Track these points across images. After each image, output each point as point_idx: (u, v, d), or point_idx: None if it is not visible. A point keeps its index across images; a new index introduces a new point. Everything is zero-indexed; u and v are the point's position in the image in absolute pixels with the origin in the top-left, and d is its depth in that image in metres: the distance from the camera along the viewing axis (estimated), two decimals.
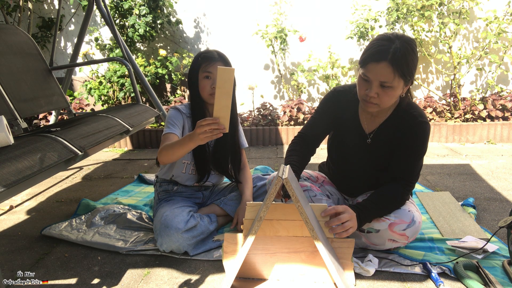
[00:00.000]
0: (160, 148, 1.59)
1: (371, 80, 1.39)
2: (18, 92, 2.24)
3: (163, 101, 4.36)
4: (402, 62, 1.35)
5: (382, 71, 1.36)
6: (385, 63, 1.34)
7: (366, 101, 1.45)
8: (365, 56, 1.41)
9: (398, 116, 1.54)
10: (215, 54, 1.72)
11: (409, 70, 1.37)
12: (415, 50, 1.40)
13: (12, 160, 1.30)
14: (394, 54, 1.34)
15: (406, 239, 1.49)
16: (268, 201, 1.20)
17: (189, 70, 1.79)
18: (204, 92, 1.72)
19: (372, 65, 1.37)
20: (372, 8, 3.89)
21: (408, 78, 1.40)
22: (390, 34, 1.40)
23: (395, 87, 1.39)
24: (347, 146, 1.66)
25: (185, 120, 1.77)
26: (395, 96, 1.43)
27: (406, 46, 1.36)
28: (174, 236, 1.56)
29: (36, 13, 4.40)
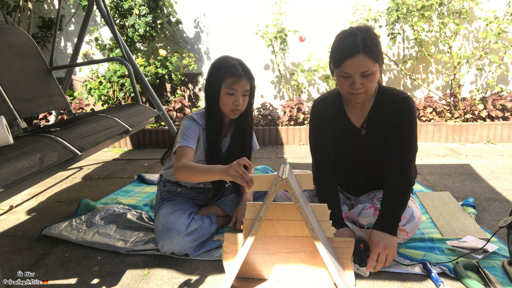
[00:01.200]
0: (179, 163, 1.52)
1: (352, 74, 1.45)
2: (18, 92, 2.24)
3: (163, 101, 4.36)
4: (373, 48, 1.43)
5: (360, 63, 1.42)
6: (360, 55, 1.42)
7: (353, 94, 1.50)
8: (338, 56, 1.47)
9: (381, 101, 1.59)
10: (240, 70, 1.64)
11: (380, 53, 1.46)
12: (376, 35, 1.49)
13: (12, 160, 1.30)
14: (364, 44, 1.42)
15: (405, 235, 1.49)
16: (268, 201, 1.20)
17: (208, 79, 1.70)
18: (226, 108, 1.66)
19: (349, 61, 1.43)
20: (372, 8, 3.89)
21: (381, 60, 1.47)
22: (349, 29, 1.48)
23: (375, 72, 1.46)
24: (343, 143, 1.68)
25: (201, 132, 1.70)
26: (376, 80, 1.50)
27: (369, 33, 1.46)
28: (175, 239, 1.56)
29: (36, 13, 4.39)
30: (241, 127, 1.78)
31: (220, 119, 1.71)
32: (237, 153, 1.79)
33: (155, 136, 3.88)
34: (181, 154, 1.59)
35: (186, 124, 1.69)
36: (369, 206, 1.54)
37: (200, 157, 1.74)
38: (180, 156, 1.58)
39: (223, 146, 1.79)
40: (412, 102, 1.55)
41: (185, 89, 4.45)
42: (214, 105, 1.68)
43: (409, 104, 1.54)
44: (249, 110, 1.76)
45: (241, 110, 1.68)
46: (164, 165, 1.92)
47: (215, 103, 1.67)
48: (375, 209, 1.51)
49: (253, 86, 1.71)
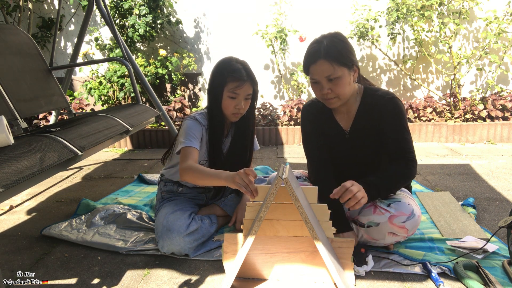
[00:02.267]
0: (186, 164, 1.53)
1: (319, 80, 1.50)
2: (18, 92, 2.24)
3: (163, 101, 4.36)
4: (335, 52, 1.46)
5: (322, 67, 1.47)
6: (322, 60, 1.47)
7: (325, 99, 1.54)
8: (304, 63, 1.55)
9: (367, 103, 1.60)
10: (243, 74, 1.63)
11: (344, 56, 1.47)
12: (343, 39, 1.52)
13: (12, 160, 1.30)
14: (325, 49, 1.47)
15: (405, 232, 1.49)
16: (268, 201, 1.20)
17: (211, 81, 1.70)
18: (228, 111, 1.67)
19: (312, 67, 1.50)
20: (372, 8, 3.89)
21: (348, 64, 1.48)
22: (319, 37, 1.53)
23: (341, 76, 1.48)
24: (333, 147, 1.70)
25: (204, 132, 1.71)
26: (347, 84, 1.51)
27: (334, 39, 1.50)
28: (175, 240, 1.56)
29: (36, 13, 4.39)
30: (242, 129, 1.79)
31: (222, 120, 1.71)
32: (238, 154, 1.79)
33: (155, 136, 3.88)
34: (186, 155, 1.59)
35: (189, 124, 1.68)
36: (369, 204, 1.54)
37: (202, 157, 1.74)
38: (185, 157, 1.58)
39: (224, 147, 1.79)
40: (399, 103, 1.55)
41: (185, 89, 4.45)
42: (216, 107, 1.69)
43: (397, 105, 1.54)
44: (251, 113, 1.77)
45: (242, 113, 1.70)
46: (165, 165, 1.92)
47: (217, 105, 1.68)
48: (375, 207, 1.51)
49: (256, 90, 1.71)
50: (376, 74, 4.25)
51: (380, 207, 1.50)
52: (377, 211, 1.50)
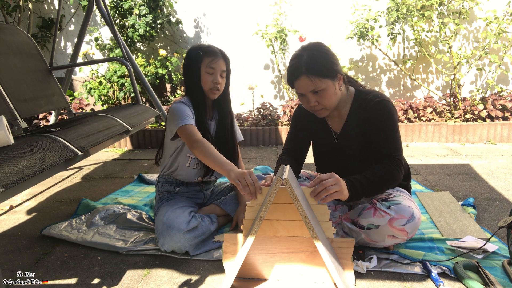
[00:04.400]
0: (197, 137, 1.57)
1: (304, 93, 1.52)
2: (18, 92, 2.24)
3: (163, 101, 4.36)
4: (315, 67, 1.46)
5: (305, 83, 1.48)
6: (303, 77, 1.47)
7: (313, 111, 1.57)
8: (287, 78, 1.56)
9: (357, 106, 1.61)
10: (217, 50, 1.74)
11: (326, 69, 1.47)
12: (324, 50, 1.51)
13: (12, 160, 1.30)
14: (305, 65, 1.46)
15: (405, 235, 1.49)
16: (268, 201, 1.20)
17: (186, 62, 1.77)
18: (206, 86, 1.73)
19: (296, 82, 1.51)
20: (372, 8, 3.89)
21: (331, 75, 1.48)
22: (298, 51, 1.52)
23: (326, 88, 1.49)
24: (324, 150, 1.72)
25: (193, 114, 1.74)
26: (333, 94, 1.52)
27: (313, 52, 1.49)
28: (176, 236, 1.56)
29: (36, 13, 4.40)
30: (224, 109, 1.86)
31: (203, 98, 1.77)
32: (223, 136, 1.84)
33: (155, 136, 3.88)
34: (192, 131, 1.60)
35: (178, 106, 1.70)
36: (369, 206, 1.54)
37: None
38: (192, 133, 1.59)
39: (210, 129, 1.83)
40: (388, 104, 1.54)
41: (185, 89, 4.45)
42: (196, 86, 1.74)
43: (386, 106, 1.53)
44: (227, 93, 1.84)
45: (219, 90, 1.75)
46: (160, 165, 1.92)
47: (196, 83, 1.73)
48: (375, 209, 1.51)
49: (229, 70, 1.79)
50: (376, 74, 4.25)
51: (380, 210, 1.50)
52: (377, 213, 1.49)
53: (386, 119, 1.53)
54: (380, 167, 1.50)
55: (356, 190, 1.40)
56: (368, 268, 1.45)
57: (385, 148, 1.53)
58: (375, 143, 1.55)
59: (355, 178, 1.44)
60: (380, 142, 1.54)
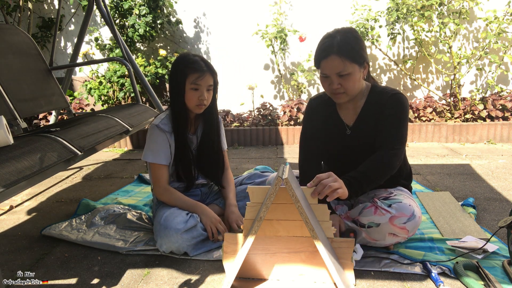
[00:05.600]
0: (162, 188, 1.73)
1: (329, 75, 1.51)
2: (18, 92, 2.24)
3: (163, 101, 4.35)
4: (347, 48, 1.46)
5: (334, 63, 1.47)
6: (333, 56, 1.47)
7: (333, 94, 1.55)
8: (316, 57, 1.55)
9: (372, 100, 1.61)
10: (202, 65, 1.67)
11: (356, 53, 1.48)
12: (357, 36, 1.52)
13: (12, 160, 1.30)
14: (338, 45, 1.47)
15: (406, 233, 1.49)
16: (268, 201, 1.20)
17: (172, 76, 1.73)
18: (191, 103, 1.70)
19: (324, 61, 1.50)
20: (372, 8, 3.89)
21: (360, 61, 1.49)
22: (331, 32, 1.53)
23: (352, 73, 1.48)
24: (334, 143, 1.70)
25: (169, 138, 1.74)
26: (357, 80, 1.51)
27: (347, 35, 1.49)
28: (173, 237, 1.56)
29: (36, 13, 4.40)
30: (209, 121, 1.82)
31: (186, 114, 1.75)
32: (208, 149, 1.83)
33: None
34: (158, 176, 1.74)
35: (153, 136, 1.74)
36: (370, 205, 1.54)
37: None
38: (157, 179, 1.74)
39: (192, 144, 1.82)
40: (403, 97, 1.56)
41: None
42: (180, 101, 1.72)
43: (400, 98, 1.55)
44: (213, 105, 1.80)
45: (206, 104, 1.73)
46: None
47: (180, 98, 1.71)
48: (376, 208, 1.51)
49: (216, 81, 1.75)
50: (376, 74, 4.25)
51: (380, 208, 1.50)
52: (377, 211, 1.50)
53: (398, 109, 1.54)
54: (375, 157, 1.52)
55: (354, 187, 1.41)
56: (356, 260, 1.44)
57: (388, 135, 1.54)
58: (380, 133, 1.56)
59: (351, 176, 1.44)
60: (386, 128, 1.55)
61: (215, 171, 1.87)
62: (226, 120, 4.06)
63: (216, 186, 1.94)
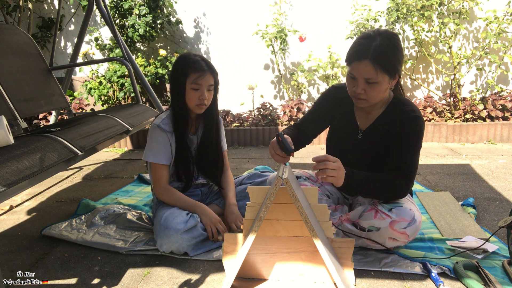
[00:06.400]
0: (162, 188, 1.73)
1: (357, 77, 1.45)
2: (18, 92, 2.24)
3: (163, 101, 4.36)
4: (384, 58, 1.40)
5: (365, 69, 1.41)
6: (367, 61, 1.39)
7: (355, 97, 1.50)
8: (349, 55, 1.47)
9: (391, 112, 1.57)
10: (203, 65, 1.68)
11: (391, 64, 1.42)
12: (397, 45, 1.44)
13: (12, 160, 1.30)
14: (374, 51, 1.39)
15: (406, 238, 1.49)
16: (268, 201, 1.20)
17: (172, 76, 1.73)
18: (192, 103, 1.70)
19: (355, 63, 1.43)
20: (372, 8, 3.89)
21: (392, 73, 1.44)
22: (372, 31, 1.45)
23: (380, 82, 1.43)
24: (343, 142, 1.69)
25: (170, 138, 1.74)
26: (382, 91, 1.47)
27: (387, 42, 1.41)
28: (173, 237, 1.56)
29: (36, 13, 4.40)
30: (210, 121, 1.82)
31: (187, 114, 1.75)
32: (208, 148, 1.83)
33: None
34: (158, 176, 1.74)
35: (154, 136, 1.74)
36: (370, 208, 1.53)
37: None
38: (158, 179, 1.74)
39: (192, 144, 1.82)
40: (422, 123, 1.52)
41: None
42: (180, 101, 1.72)
43: (419, 125, 1.51)
44: (214, 105, 1.80)
45: (206, 104, 1.73)
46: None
47: (180, 98, 1.71)
48: (376, 211, 1.50)
49: (217, 81, 1.75)
50: None
51: (381, 212, 1.49)
52: (378, 215, 1.49)
53: (415, 136, 1.51)
54: (391, 176, 1.49)
55: (350, 185, 1.41)
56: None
57: (402, 160, 1.51)
58: (395, 152, 1.53)
59: (359, 174, 1.44)
60: (400, 153, 1.51)
61: (214, 171, 1.88)
62: (226, 120, 4.06)
63: (216, 186, 1.94)
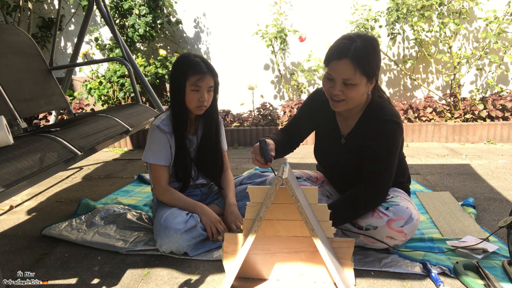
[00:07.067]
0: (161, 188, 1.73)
1: (334, 78, 1.43)
2: (18, 92, 2.24)
3: (163, 101, 4.36)
4: (363, 59, 1.39)
5: (344, 68, 1.39)
6: (346, 60, 1.39)
7: (332, 100, 1.49)
8: (327, 55, 1.46)
9: (369, 117, 1.55)
10: (203, 66, 1.67)
11: (370, 67, 1.41)
12: (376, 49, 1.44)
13: (12, 160, 1.30)
14: (354, 51, 1.38)
15: (404, 236, 1.49)
16: (268, 201, 1.20)
17: (172, 77, 1.72)
18: (191, 104, 1.70)
19: (334, 62, 1.42)
20: (372, 8, 3.89)
21: (370, 75, 1.43)
22: (352, 34, 1.44)
23: (358, 84, 1.42)
24: (327, 146, 1.69)
25: (170, 139, 1.74)
26: (360, 94, 1.45)
27: (367, 44, 1.41)
28: (173, 237, 1.56)
29: (36, 13, 4.40)
30: (209, 121, 1.82)
31: (186, 114, 1.75)
32: (207, 149, 1.83)
33: None
34: (158, 176, 1.74)
35: (154, 136, 1.74)
36: None
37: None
38: (158, 180, 1.74)
39: (192, 145, 1.82)
40: (392, 126, 1.47)
41: None
42: (180, 102, 1.72)
43: (388, 128, 1.47)
44: (214, 105, 1.80)
45: (206, 106, 1.73)
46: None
47: (180, 100, 1.71)
48: (374, 210, 1.50)
49: (217, 82, 1.75)
50: None
51: (378, 210, 1.49)
52: (375, 214, 1.49)
53: (384, 141, 1.47)
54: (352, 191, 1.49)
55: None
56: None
57: (371, 169, 1.49)
58: (366, 161, 1.50)
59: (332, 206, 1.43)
60: (370, 162, 1.49)
61: (214, 171, 1.88)
62: (226, 120, 4.06)
63: (216, 186, 1.94)
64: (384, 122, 1.48)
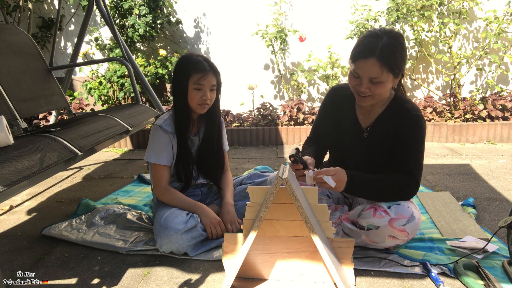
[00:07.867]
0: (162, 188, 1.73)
1: (361, 76, 1.44)
2: (18, 92, 2.24)
3: (163, 101, 4.36)
4: (390, 57, 1.39)
5: (371, 68, 1.40)
6: (373, 60, 1.39)
7: (359, 95, 1.50)
8: (354, 53, 1.46)
9: (392, 111, 1.57)
10: (206, 65, 1.68)
11: (397, 64, 1.42)
12: (403, 45, 1.45)
13: (12, 160, 1.30)
14: (381, 50, 1.38)
15: (406, 236, 1.48)
16: (268, 201, 1.21)
17: (175, 76, 1.73)
18: (193, 103, 1.70)
19: (361, 61, 1.42)
20: (372, 8, 3.89)
21: (396, 72, 1.44)
22: (378, 30, 1.45)
23: (385, 82, 1.43)
24: (345, 141, 1.68)
25: (172, 139, 1.75)
26: (386, 90, 1.47)
27: (393, 41, 1.41)
28: (173, 237, 1.56)
29: (36, 13, 4.40)
30: (211, 121, 1.82)
31: (189, 114, 1.75)
32: (209, 149, 1.83)
33: None
34: (159, 176, 1.74)
35: (156, 136, 1.75)
36: (369, 207, 1.53)
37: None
38: (159, 180, 1.74)
39: (194, 145, 1.82)
40: (422, 122, 1.52)
41: None
42: (182, 101, 1.72)
43: (420, 124, 1.51)
44: (216, 105, 1.80)
45: (209, 104, 1.73)
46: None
47: (182, 98, 1.71)
48: (375, 210, 1.50)
49: (219, 81, 1.75)
50: None
51: (380, 210, 1.49)
52: (377, 214, 1.49)
53: (417, 136, 1.51)
54: (394, 176, 1.51)
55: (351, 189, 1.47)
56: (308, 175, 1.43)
57: (407, 162, 1.51)
58: (399, 154, 1.53)
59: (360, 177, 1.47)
60: (404, 155, 1.52)
61: (215, 171, 1.88)
62: (226, 120, 4.06)
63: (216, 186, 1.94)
64: (416, 117, 1.52)
